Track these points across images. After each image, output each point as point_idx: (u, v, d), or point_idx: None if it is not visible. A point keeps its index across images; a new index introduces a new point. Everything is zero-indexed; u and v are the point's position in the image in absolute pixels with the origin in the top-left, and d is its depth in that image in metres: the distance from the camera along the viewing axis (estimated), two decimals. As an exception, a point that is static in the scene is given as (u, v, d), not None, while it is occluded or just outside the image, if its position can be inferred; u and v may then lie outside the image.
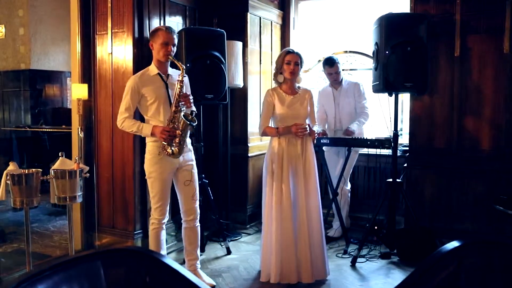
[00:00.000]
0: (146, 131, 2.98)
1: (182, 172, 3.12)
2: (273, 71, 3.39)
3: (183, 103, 2.95)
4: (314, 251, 3.23)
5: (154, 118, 3.03)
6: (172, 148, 2.93)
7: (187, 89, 3.18)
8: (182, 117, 2.91)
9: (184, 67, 3.01)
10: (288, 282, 3.18)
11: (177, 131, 2.91)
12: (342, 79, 4.32)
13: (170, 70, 3.13)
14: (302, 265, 3.19)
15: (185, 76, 3.03)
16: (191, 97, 3.01)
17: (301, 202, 3.22)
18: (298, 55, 3.25)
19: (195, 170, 3.19)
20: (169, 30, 3.03)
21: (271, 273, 3.19)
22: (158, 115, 3.02)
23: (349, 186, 4.41)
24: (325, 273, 3.30)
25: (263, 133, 3.35)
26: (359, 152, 4.37)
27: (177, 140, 2.92)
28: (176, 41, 3.05)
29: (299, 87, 3.35)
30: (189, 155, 3.16)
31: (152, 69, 3.07)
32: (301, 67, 3.29)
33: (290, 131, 3.19)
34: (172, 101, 2.99)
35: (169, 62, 3.08)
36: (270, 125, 3.33)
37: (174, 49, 3.04)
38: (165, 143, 2.93)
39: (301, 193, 3.23)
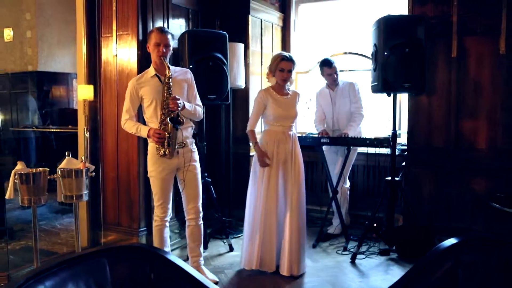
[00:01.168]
0: (143, 133, 2.98)
1: (183, 172, 3.11)
2: (266, 71, 3.42)
3: (171, 106, 2.87)
4: (294, 246, 3.29)
5: (152, 120, 3.02)
6: (164, 150, 2.91)
7: (191, 87, 3.16)
8: (168, 119, 2.88)
9: (170, 70, 2.93)
10: (267, 270, 3.30)
11: (165, 133, 2.89)
12: (338, 80, 4.31)
13: (172, 70, 3.03)
14: (282, 257, 3.28)
15: (171, 77, 2.92)
16: (179, 101, 2.90)
17: (287, 197, 3.30)
18: (292, 62, 3.28)
19: (198, 171, 3.17)
20: (160, 30, 2.99)
21: (253, 260, 3.30)
22: (156, 117, 2.99)
23: (348, 184, 4.40)
24: (298, 268, 3.31)
25: (248, 133, 3.43)
26: (359, 151, 4.37)
27: (165, 142, 2.90)
28: (170, 41, 3.00)
29: (288, 89, 3.41)
30: (191, 155, 3.13)
31: (150, 70, 3.05)
32: (293, 69, 3.32)
33: (258, 156, 3.30)
34: (161, 105, 2.96)
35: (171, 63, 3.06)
36: (263, 126, 3.45)
37: (167, 49, 2.99)
38: (158, 146, 2.93)
39: (288, 189, 3.29)
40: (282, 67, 3.25)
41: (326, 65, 4.20)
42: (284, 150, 3.31)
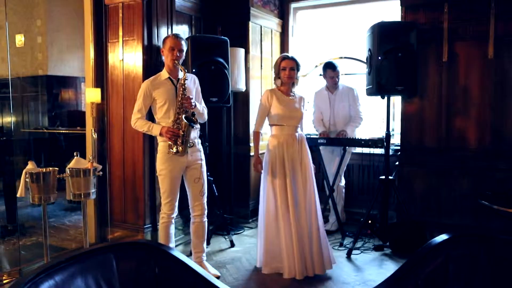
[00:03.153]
0: (156, 131, 2.99)
1: (191, 171, 3.12)
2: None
3: (185, 105, 2.94)
4: (314, 246, 3.19)
5: (164, 120, 3.03)
6: (177, 147, 2.93)
7: (197, 91, 3.19)
8: (184, 118, 2.91)
9: (187, 72, 2.99)
10: (288, 275, 3.13)
11: (180, 131, 2.92)
12: (338, 84, 4.31)
13: (181, 75, 3.05)
14: (308, 259, 3.15)
15: (187, 79, 2.99)
16: (192, 100, 2.97)
17: (301, 199, 3.19)
18: (293, 60, 3.23)
19: (204, 169, 3.18)
20: (175, 36, 3.05)
21: (271, 263, 3.20)
22: (168, 117, 3.01)
23: (343, 182, 4.40)
24: (322, 267, 3.21)
25: (253, 134, 3.38)
26: (355, 151, 4.38)
27: (179, 140, 2.92)
28: (183, 47, 3.05)
29: (294, 93, 3.33)
30: (198, 155, 3.14)
31: (164, 73, 3.08)
32: (297, 71, 3.26)
33: (253, 162, 3.31)
34: (176, 104, 2.99)
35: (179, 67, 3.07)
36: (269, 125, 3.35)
37: (181, 54, 3.03)
38: (171, 143, 2.94)
39: (300, 190, 3.19)
40: (284, 65, 3.22)
41: (330, 67, 4.20)
42: (291, 153, 3.20)
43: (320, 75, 4.48)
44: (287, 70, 3.22)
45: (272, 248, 3.22)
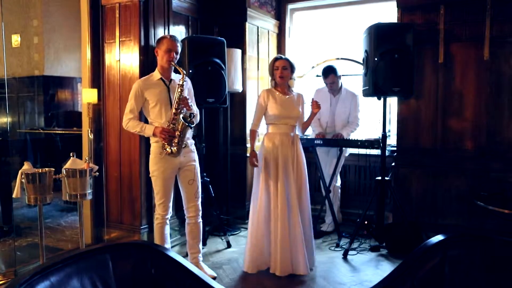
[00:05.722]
0: (149, 131, 2.99)
1: (184, 172, 3.11)
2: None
3: (182, 105, 2.95)
4: (307, 245, 3.21)
5: (156, 120, 3.03)
6: (172, 148, 2.92)
7: (190, 93, 3.19)
8: (181, 119, 2.91)
9: (185, 73, 3.01)
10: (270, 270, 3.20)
11: (176, 132, 2.91)
12: (341, 87, 4.29)
13: (173, 76, 3.12)
14: (295, 256, 3.17)
15: (185, 81, 3.02)
16: (189, 100, 2.98)
17: (293, 199, 3.18)
18: (285, 60, 3.27)
19: (197, 170, 3.18)
20: (172, 38, 3.05)
21: (256, 264, 3.23)
22: (160, 118, 3.01)
23: (339, 182, 4.40)
24: (304, 268, 3.17)
25: (250, 132, 3.38)
26: (351, 152, 4.38)
27: (175, 140, 2.92)
28: (179, 49, 3.06)
29: (292, 91, 3.35)
30: (192, 155, 3.14)
31: (156, 74, 3.08)
32: (292, 71, 3.28)
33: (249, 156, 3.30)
34: (173, 104, 2.99)
35: (173, 68, 3.09)
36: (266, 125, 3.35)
37: (177, 56, 3.05)
38: (165, 143, 2.93)
39: (292, 190, 3.18)
40: (276, 65, 3.26)
41: (322, 74, 4.21)
42: (285, 153, 3.21)
43: (317, 76, 4.47)
44: (279, 69, 3.25)
45: (258, 246, 3.23)
